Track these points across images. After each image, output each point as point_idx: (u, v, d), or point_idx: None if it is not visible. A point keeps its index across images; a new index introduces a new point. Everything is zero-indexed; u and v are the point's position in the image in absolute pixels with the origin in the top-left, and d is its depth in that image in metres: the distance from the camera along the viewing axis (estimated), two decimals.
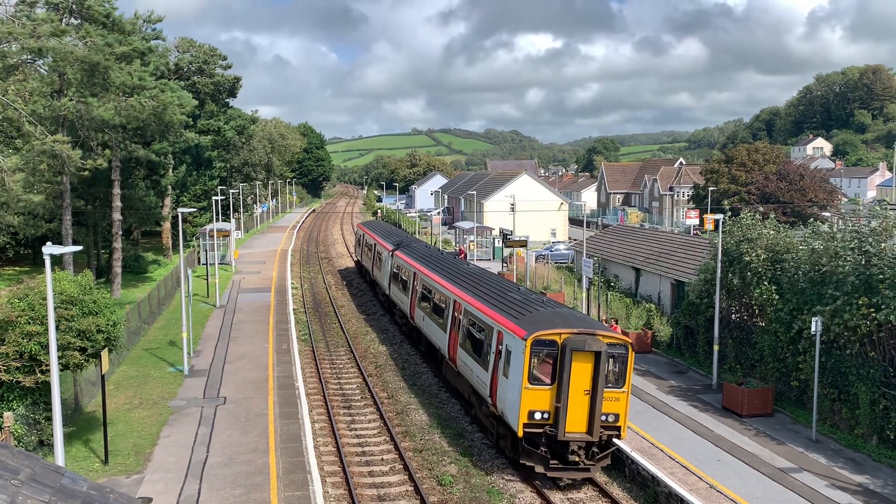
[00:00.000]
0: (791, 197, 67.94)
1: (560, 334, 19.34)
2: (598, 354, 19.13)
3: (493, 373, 21.25)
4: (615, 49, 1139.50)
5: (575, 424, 19.31)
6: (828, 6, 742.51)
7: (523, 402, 19.19)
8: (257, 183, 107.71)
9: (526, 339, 19.21)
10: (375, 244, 45.96)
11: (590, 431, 19.33)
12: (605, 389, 19.36)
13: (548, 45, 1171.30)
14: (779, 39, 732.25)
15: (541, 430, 19.35)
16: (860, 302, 21.88)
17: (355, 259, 60.00)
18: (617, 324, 34.44)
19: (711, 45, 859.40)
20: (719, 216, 27.57)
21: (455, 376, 26.36)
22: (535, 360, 19.28)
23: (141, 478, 19.17)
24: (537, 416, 19.29)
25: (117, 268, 44.65)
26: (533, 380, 19.27)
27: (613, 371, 19.69)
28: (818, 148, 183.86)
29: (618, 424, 19.85)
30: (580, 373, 19.18)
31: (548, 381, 19.32)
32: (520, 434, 19.33)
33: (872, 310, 21.57)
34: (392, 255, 39.45)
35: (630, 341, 20.14)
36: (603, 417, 19.45)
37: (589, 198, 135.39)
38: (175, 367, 29.51)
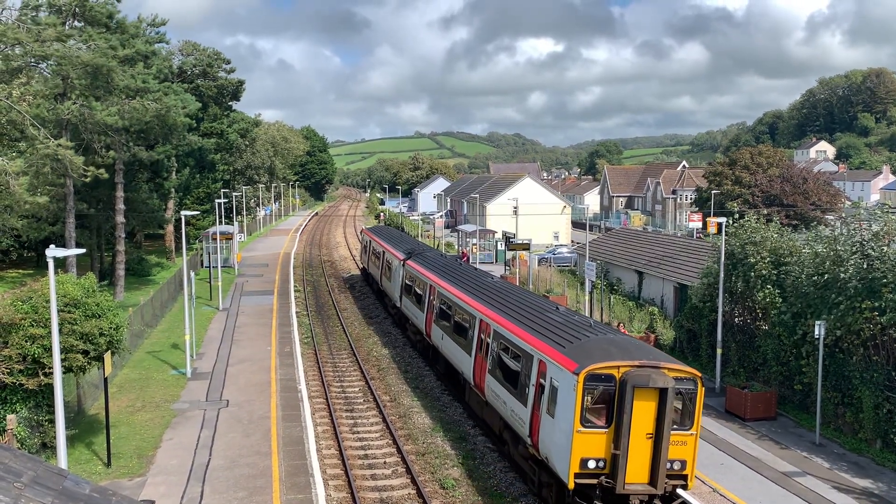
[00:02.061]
0: (794, 200, 67.84)
1: (618, 367, 16.45)
2: (663, 392, 16.27)
3: (534, 410, 18.40)
4: (617, 53, 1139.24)
5: (636, 474, 16.56)
6: (826, 11, 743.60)
7: (575, 448, 16.35)
8: (260, 186, 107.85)
9: (578, 374, 16.33)
10: (384, 252, 43.21)
11: (653, 482, 16.55)
12: (671, 432, 16.48)
13: (549, 48, 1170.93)
14: (779, 43, 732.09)
15: (595, 482, 16.54)
16: (863, 306, 21.83)
17: (361, 266, 57.64)
18: (623, 326, 34.42)
19: (712, 49, 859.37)
20: (722, 219, 27.55)
21: (481, 405, 23.66)
22: (589, 399, 16.45)
23: (143, 480, 19.18)
24: (591, 464, 16.45)
25: (120, 270, 44.71)
26: (586, 422, 16.39)
27: (679, 409, 16.82)
28: (821, 151, 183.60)
29: (684, 472, 16.93)
30: (642, 413, 16.36)
31: (603, 423, 16.44)
32: (570, 486, 16.53)
33: (876, 313, 21.53)
34: (404, 265, 36.73)
35: (699, 374, 17.05)
36: (668, 465, 16.59)
37: (592, 201, 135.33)
38: (178, 370, 29.53)
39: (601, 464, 16.49)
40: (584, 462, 16.44)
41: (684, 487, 16.97)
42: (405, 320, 36.57)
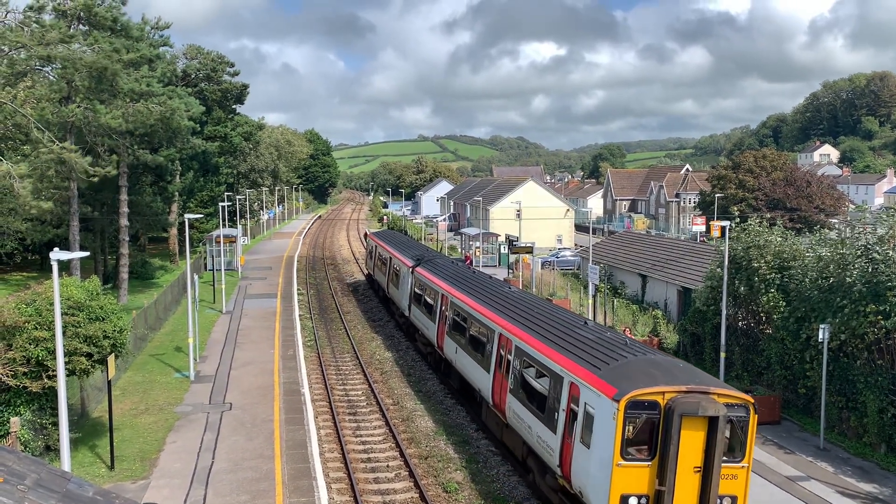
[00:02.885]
0: (798, 203, 67.74)
1: (663, 393, 14.86)
2: (713, 420, 14.65)
3: (565, 437, 16.79)
4: (619, 57, 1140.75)
5: None
6: (829, 15, 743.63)
7: (614, 483, 14.85)
8: (264, 189, 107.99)
9: (618, 401, 14.71)
10: (391, 258, 41.47)
11: None
12: (722, 465, 14.96)
13: (552, 52, 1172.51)
14: (782, 47, 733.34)
15: None
16: (868, 309, 21.78)
17: (366, 272, 56.18)
18: (630, 331, 34.36)
19: (715, 53, 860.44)
20: (726, 223, 27.51)
21: (501, 427, 21.95)
22: (631, 429, 14.83)
23: (147, 483, 19.19)
24: (632, 501, 14.91)
25: (124, 273, 44.77)
26: (627, 454, 14.85)
27: (730, 439, 15.22)
28: (825, 154, 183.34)
29: None
30: (690, 445, 14.80)
31: (646, 455, 14.93)
32: None
33: (880, 317, 21.48)
34: (412, 272, 35.14)
35: (751, 400, 15.46)
36: (718, 502, 15.08)
37: (595, 204, 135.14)
38: (181, 373, 29.55)
39: (643, 501, 14.94)
40: (624, 499, 14.87)
41: None
42: (414, 330, 34.93)
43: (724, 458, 15.00)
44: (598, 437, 15.32)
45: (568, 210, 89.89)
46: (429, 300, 31.46)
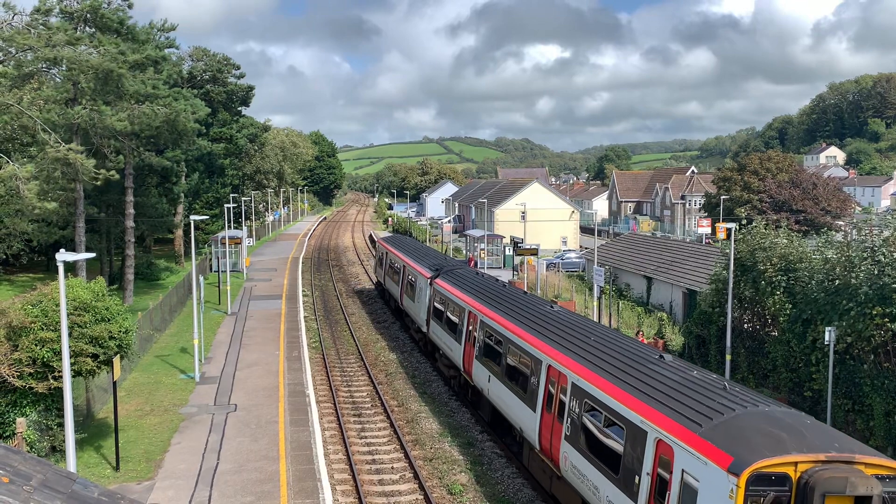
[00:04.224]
0: (804, 206, 67.56)
1: (795, 464, 11.52)
2: (864, 501, 11.24)
3: None
4: (624, 59, 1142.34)
5: None
6: (832, 17, 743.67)
7: None
8: (269, 191, 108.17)
9: (737, 474, 11.39)
10: (405, 267, 38.12)
11: None
12: None
13: (557, 54, 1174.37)
14: (786, 50, 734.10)
15: None
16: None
17: (375, 280, 53.56)
18: (642, 334, 34.25)
19: (720, 55, 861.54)
20: (732, 225, 27.45)
21: (550, 478, 18.53)
22: None
23: (152, 484, 19.21)
24: None
25: (130, 275, 44.89)
26: None
27: None
28: (831, 156, 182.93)
29: None
30: None
31: None
32: None
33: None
34: (431, 284, 31.86)
35: None
36: None
37: (600, 206, 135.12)
38: (186, 374, 29.59)
39: None
40: None
41: None
42: (433, 349, 31.84)
43: None
44: None
45: (573, 212, 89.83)
46: (452, 317, 27.91)
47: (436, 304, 30.68)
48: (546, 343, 19.08)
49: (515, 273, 56.30)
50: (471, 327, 25.39)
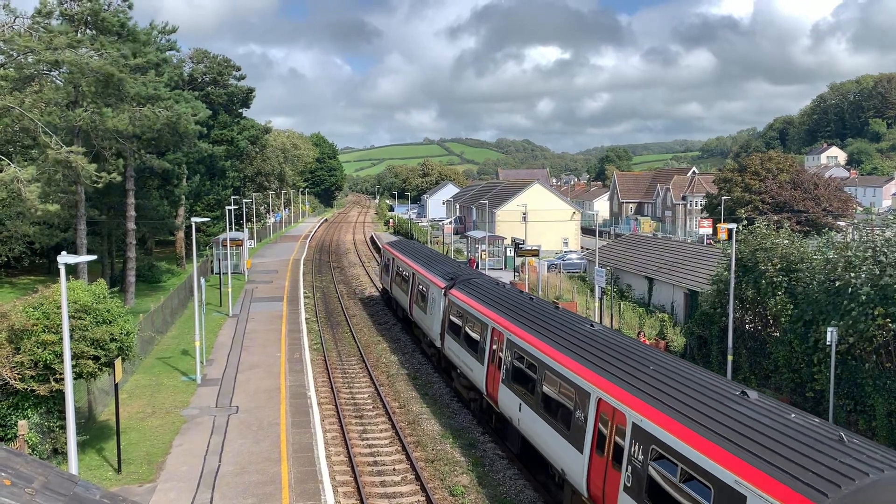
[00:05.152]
0: (805, 206, 67.56)
1: None
2: None
3: None
4: (624, 60, 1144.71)
5: None
6: (831, 19, 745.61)
7: None
8: (270, 192, 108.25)
9: None
10: (415, 275, 35.61)
11: None
12: None
13: (557, 56, 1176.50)
14: (785, 51, 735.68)
15: None
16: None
17: (381, 288, 50.97)
18: (643, 335, 34.23)
19: (719, 56, 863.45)
20: (733, 225, 27.44)
21: None
22: None
23: (153, 486, 19.21)
24: None
25: (131, 277, 44.91)
26: None
27: None
28: (832, 157, 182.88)
29: None
30: None
31: None
32: None
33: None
34: (446, 295, 29.29)
35: None
36: None
37: (601, 207, 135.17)
38: (188, 376, 29.60)
39: None
40: None
41: None
42: (449, 366, 29.15)
43: None
44: None
45: (574, 213, 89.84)
46: (472, 333, 25.17)
47: (451, 317, 28.05)
48: (594, 371, 16.18)
49: (517, 274, 56.30)
50: (495, 346, 22.69)
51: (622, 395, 14.70)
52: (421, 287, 34.09)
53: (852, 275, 22.91)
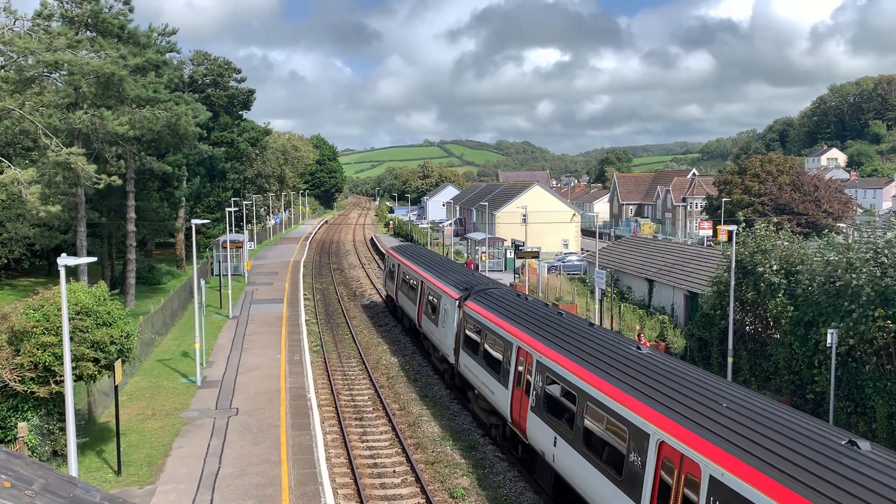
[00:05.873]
0: (805, 208, 67.55)
1: None
2: None
3: None
4: (624, 62, 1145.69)
5: None
6: (829, 21, 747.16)
7: None
8: (270, 194, 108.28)
9: None
10: (423, 283, 33.47)
11: None
12: None
13: (557, 58, 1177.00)
14: (784, 53, 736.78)
15: None
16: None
17: (385, 295, 48.90)
18: (643, 336, 34.21)
19: (719, 58, 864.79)
20: (733, 227, 27.44)
21: None
22: None
23: (153, 489, 19.20)
24: None
25: (131, 279, 44.91)
26: None
27: None
28: (832, 159, 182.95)
29: None
30: None
31: None
32: None
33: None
34: (460, 307, 26.89)
35: None
36: None
37: (601, 209, 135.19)
38: (188, 378, 29.59)
39: None
40: None
41: None
42: (465, 385, 26.63)
43: None
44: None
45: (574, 214, 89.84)
46: (492, 352, 22.60)
47: (467, 331, 25.57)
48: (653, 407, 13.67)
49: (517, 276, 56.29)
50: (521, 367, 20.09)
51: (694, 440, 12.17)
52: (431, 297, 31.89)
53: (853, 276, 22.91)
